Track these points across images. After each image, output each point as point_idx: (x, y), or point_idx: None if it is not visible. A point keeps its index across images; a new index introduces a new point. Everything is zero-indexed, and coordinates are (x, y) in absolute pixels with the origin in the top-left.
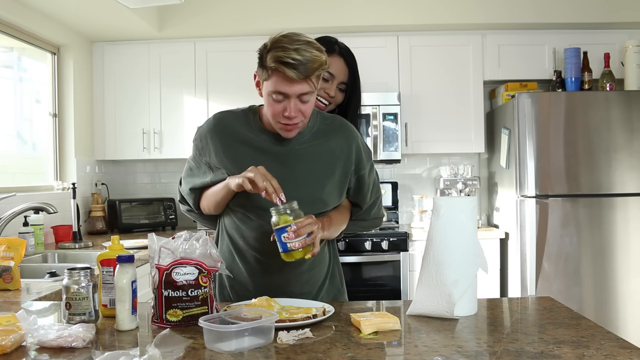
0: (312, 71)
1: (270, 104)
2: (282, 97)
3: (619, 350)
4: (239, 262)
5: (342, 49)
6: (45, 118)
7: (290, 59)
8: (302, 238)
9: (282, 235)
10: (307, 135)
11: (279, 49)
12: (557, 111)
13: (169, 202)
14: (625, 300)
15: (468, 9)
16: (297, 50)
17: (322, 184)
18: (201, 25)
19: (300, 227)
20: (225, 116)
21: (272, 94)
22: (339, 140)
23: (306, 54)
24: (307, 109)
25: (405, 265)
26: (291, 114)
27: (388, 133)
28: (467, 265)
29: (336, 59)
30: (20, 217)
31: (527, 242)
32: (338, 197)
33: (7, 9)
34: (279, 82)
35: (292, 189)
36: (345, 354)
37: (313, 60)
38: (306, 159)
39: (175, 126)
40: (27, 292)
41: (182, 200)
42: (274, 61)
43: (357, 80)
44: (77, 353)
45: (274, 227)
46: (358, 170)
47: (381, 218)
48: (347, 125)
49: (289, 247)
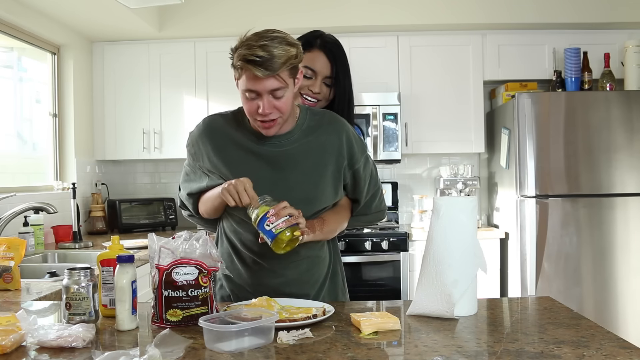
0: (278, 66)
1: (245, 102)
2: (255, 95)
3: (619, 350)
4: (238, 265)
5: (324, 42)
6: (45, 118)
7: (254, 57)
8: (284, 219)
9: (264, 224)
10: (297, 134)
11: (245, 47)
12: (557, 111)
13: (169, 202)
14: (625, 300)
15: (468, 9)
16: (262, 47)
17: (315, 182)
18: (201, 25)
19: (278, 209)
20: (215, 119)
21: (244, 92)
22: (329, 136)
23: (272, 50)
24: (282, 104)
25: (405, 265)
26: (264, 111)
27: (388, 133)
28: (467, 265)
29: (317, 54)
30: (20, 217)
31: (527, 242)
32: (333, 194)
33: (7, 9)
34: (248, 80)
35: (286, 190)
36: (345, 354)
37: (279, 56)
38: (298, 158)
39: (175, 126)
40: (27, 292)
41: (183, 205)
42: (239, 60)
43: (342, 72)
44: (77, 353)
45: (255, 223)
46: (352, 164)
47: (384, 211)
48: (337, 119)
49: (274, 231)
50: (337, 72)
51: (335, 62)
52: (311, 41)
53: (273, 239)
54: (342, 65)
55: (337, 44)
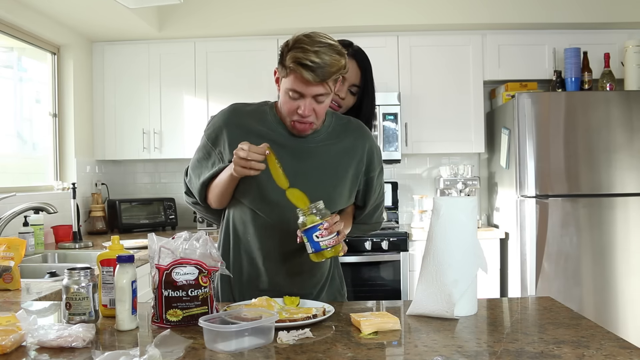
0: (329, 75)
1: (286, 100)
2: (298, 96)
3: (619, 350)
4: (243, 259)
5: (355, 52)
6: (45, 118)
7: (308, 61)
8: (333, 236)
9: (313, 234)
10: (322, 134)
11: (299, 49)
12: (557, 111)
13: (169, 202)
14: (625, 300)
15: (468, 8)
16: (316, 52)
17: (333, 182)
18: (201, 25)
19: (332, 225)
20: (241, 108)
21: (289, 91)
22: (355, 141)
23: (325, 57)
24: (321, 109)
25: (405, 265)
26: (305, 113)
27: (388, 133)
28: (467, 265)
29: (348, 62)
30: (20, 217)
31: (527, 242)
32: (347, 198)
33: (7, 9)
34: (296, 82)
35: (303, 183)
36: (345, 354)
37: (331, 64)
38: (320, 156)
39: (175, 126)
40: (27, 292)
41: (188, 192)
42: (292, 61)
43: (371, 83)
44: (77, 353)
45: (302, 227)
46: (368, 171)
47: (381, 223)
48: (362, 126)
49: (322, 245)
50: (367, 82)
51: (365, 72)
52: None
53: (318, 251)
54: (371, 77)
55: (366, 56)
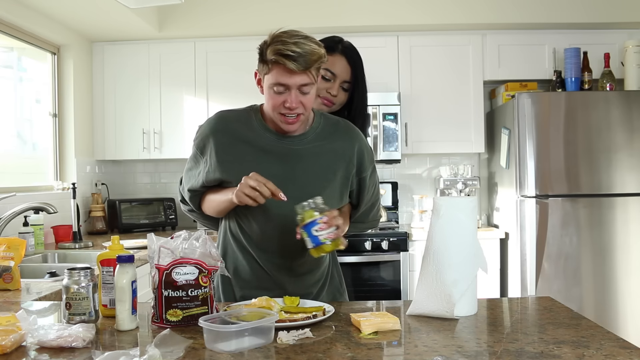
0: (311, 63)
1: (271, 96)
2: (283, 89)
3: (619, 350)
4: (243, 261)
5: (345, 48)
6: (45, 118)
7: (289, 52)
8: (332, 229)
9: (312, 228)
10: (310, 136)
11: (279, 42)
12: (557, 111)
13: (169, 202)
14: (625, 300)
15: (468, 8)
16: (296, 43)
17: (322, 185)
18: (201, 25)
19: (331, 218)
20: (227, 115)
21: (273, 86)
22: (344, 143)
23: (305, 47)
24: (307, 101)
25: (405, 265)
26: (292, 105)
27: (388, 133)
28: (467, 265)
29: (338, 58)
30: (20, 217)
31: (527, 242)
32: (339, 200)
33: (7, 9)
34: (280, 74)
35: (293, 188)
36: (345, 354)
37: (312, 53)
38: (308, 159)
39: (175, 126)
40: (27, 292)
41: (183, 200)
42: (274, 54)
43: (361, 78)
44: (77, 353)
45: (301, 223)
46: (360, 172)
47: (378, 220)
48: (352, 127)
49: (321, 239)
50: (357, 77)
51: (355, 67)
52: (332, 45)
53: (317, 245)
54: (361, 72)
55: (356, 51)
